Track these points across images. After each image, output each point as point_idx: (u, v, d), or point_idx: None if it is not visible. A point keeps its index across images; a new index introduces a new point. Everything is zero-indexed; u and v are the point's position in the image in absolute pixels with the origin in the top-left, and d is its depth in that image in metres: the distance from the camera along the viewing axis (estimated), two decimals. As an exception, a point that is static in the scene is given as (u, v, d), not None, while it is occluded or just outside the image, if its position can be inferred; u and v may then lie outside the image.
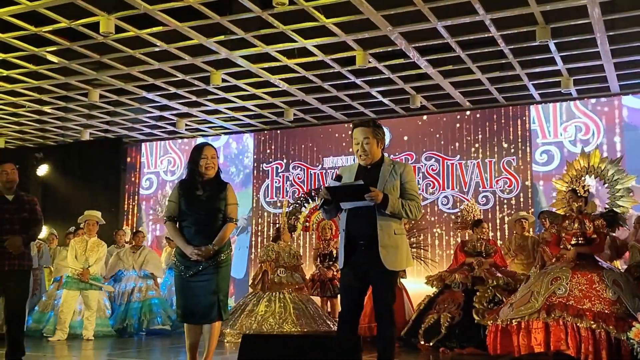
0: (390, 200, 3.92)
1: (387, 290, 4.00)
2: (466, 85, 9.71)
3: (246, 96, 10.39)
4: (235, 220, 4.65)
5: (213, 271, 4.47)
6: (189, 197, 4.58)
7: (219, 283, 4.47)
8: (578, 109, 10.25)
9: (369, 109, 10.98)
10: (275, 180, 12.10)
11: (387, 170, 4.09)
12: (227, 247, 4.63)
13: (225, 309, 4.56)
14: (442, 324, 6.87)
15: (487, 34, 7.71)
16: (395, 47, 8.19)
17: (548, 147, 10.35)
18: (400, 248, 4.00)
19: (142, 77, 9.44)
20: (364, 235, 3.97)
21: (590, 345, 5.42)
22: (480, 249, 7.51)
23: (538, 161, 10.33)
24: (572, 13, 7.19)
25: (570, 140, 10.25)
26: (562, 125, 10.32)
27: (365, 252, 3.96)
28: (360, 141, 4.11)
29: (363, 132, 4.12)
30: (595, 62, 8.63)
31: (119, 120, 11.85)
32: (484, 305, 6.84)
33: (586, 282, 5.79)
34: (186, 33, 7.80)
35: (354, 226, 4.01)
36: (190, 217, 4.56)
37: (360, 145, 4.10)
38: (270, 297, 8.07)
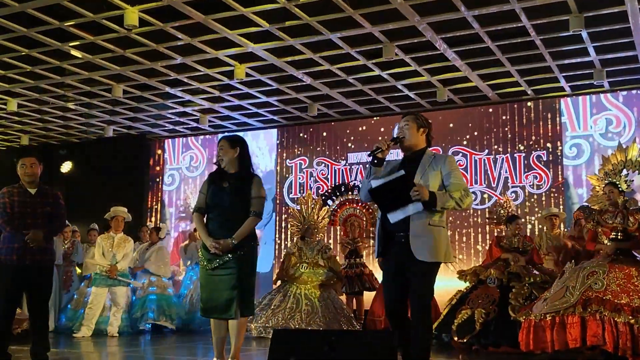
0: (437, 197, 3.82)
1: (419, 283, 3.85)
2: (495, 78, 9.49)
3: (270, 91, 10.28)
4: (260, 214, 4.50)
5: (234, 265, 4.37)
6: (215, 189, 4.52)
7: (240, 278, 4.36)
8: (609, 101, 9.99)
9: (394, 103, 10.81)
10: (299, 176, 11.98)
11: (426, 162, 4.01)
12: (251, 241, 4.50)
13: (249, 305, 4.43)
14: (477, 320, 6.69)
15: (519, 23, 7.50)
16: (423, 39, 8.02)
17: (578, 140, 10.11)
18: (435, 239, 3.85)
19: (166, 72, 9.37)
20: (399, 225, 3.88)
21: (628, 341, 5.23)
22: (517, 244, 7.34)
23: (568, 155, 10.10)
24: (607, 1, 6.95)
25: (601, 133, 10.00)
26: (592, 118, 10.07)
27: (401, 243, 3.88)
28: (401, 126, 4.10)
29: (405, 119, 4.12)
30: (629, 52, 8.38)
31: (143, 116, 11.81)
32: (520, 302, 6.68)
33: (624, 277, 5.60)
34: (210, 26, 7.70)
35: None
36: (214, 209, 4.52)
37: (400, 130, 4.10)
38: (287, 291, 7.99)
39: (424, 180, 3.91)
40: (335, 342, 3.21)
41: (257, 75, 9.45)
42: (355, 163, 11.49)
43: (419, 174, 3.93)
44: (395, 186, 3.82)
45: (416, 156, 4.04)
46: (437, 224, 3.89)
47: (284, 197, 12.04)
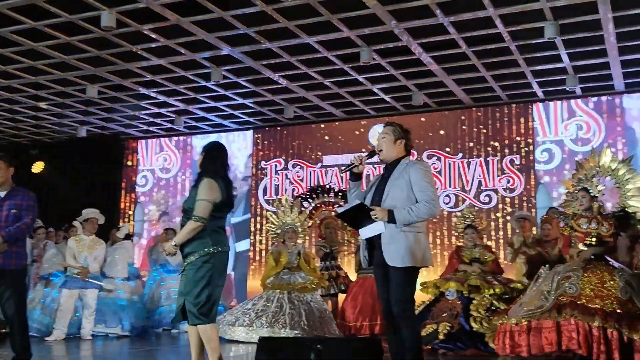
0: (396, 216, 3.87)
1: (394, 289, 3.88)
2: (470, 83, 9.61)
3: (246, 93, 10.25)
4: (199, 218, 4.26)
5: (185, 271, 4.35)
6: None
7: (187, 285, 4.29)
8: (579, 107, 10.18)
9: (369, 107, 10.87)
10: (274, 178, 11.97)
11: (397, 172, 4.04)
12: (200, 248, 4.29)
13: (193, 313, 4.23)
14: (441, 332, 6.70)
15: (494, 29, 7.61)
16: (400, 43, 8.08)
17: (549, 145, 10.28)
18: (408, 244, 3.87)
19: (141, 72, 9.29)
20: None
21: (602, 345, 5.34)
22: (477, 255, 7.33)
23: (539, 160, 10.26)
24: (581, 9, 7.08)
25: (572, 138, 10.18)
26: (563, 124, 10.25)
27: (380, 250, 3.94)
28: (379, 138, 4.16)
29: (383, 131, 4.18)
30: (601, 59, 8.55)
31: (116, 116, 11.68)
32: (482, 313, 6.73)
33: (597, 282, 5.71)
34: (187, 27, 7.66)
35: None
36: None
37: (378, 142, 4.16)
38: (271, 296, 7.97)
39: (391, 194, 3.98)
40: (322, 349, 3.22)
41: (234, 77, 9.42)
42: (330, 165, 11.52)
43: (388, 186, 4.02)
44: (355, 212, 3.93)
45: (392, 166, 4.11)
46: (409, 229, 3.90)
47: (258, 199, 12.01)
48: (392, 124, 4.20)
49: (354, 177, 4.08)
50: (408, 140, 4.17)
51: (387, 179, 4.05)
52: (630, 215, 6.25)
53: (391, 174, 4.05)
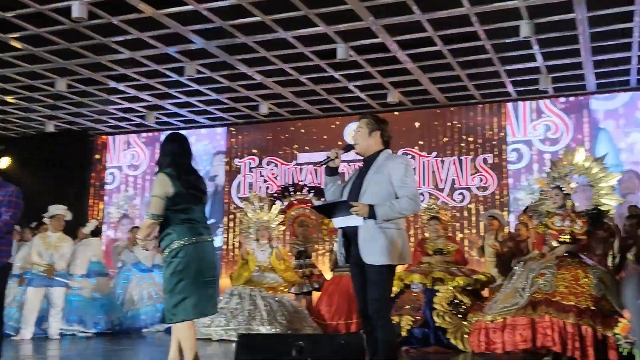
0: (377, 212, 3.76)
1: (370, 287, 3.78)
2: (444, 81, 9.62)
3: (220, 88, 10.12)
4: (151, 215, 4.19)
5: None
6: None
7: (163, 283, 4.25)
8: (547, 108, 10.28)
9: (345, 104, 10.83)
10: (248, 175, 11.85)
11: (376, 165, 3.92)
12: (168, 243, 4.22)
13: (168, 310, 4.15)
14: (404, 327, 6.64)
15: (470, 28, 7.62)
16: (377, 40, 8.04)
17: (518, 145, 10.36)
18: (385, 241, 3.76)
19: (112, 66, 9.10)
20: (355, 229, 3.84)
21: (576, 342, 5.38)
22: (440, 246, 7.32)
23: (510, 159, 10.34)
24: (558, 9, 7.13)
25: (540, 138, 10.28)
26: (532, 124, 10.33)
27: (357, 247, 3.83)
28: (355, 131, 4.07)
29: (359, 124, 4.06)
30: (574, 59, 8.63)
31: (86, 111, 11.45)
32: (445, 306, 6.72)
33: (572, 279, 5.75)
34: (161, 20, 7.51)
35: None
36: None
37: (354, 135, 4.07)
38: (242, 293, 7.88)
39: (370, 189, 3.86)
40: (304, 346, 3.15)
41: (208, 72, 9.29)
42: (305, 163, 11.45)
43: (366, 181, 3.90)
44: (335, 207, 3.87)
45: (371, 160, 3.98)
46: (388, 225, 3.80)
47: (231, 196, 11.89)
48: (366, 116, 4.10)
49: (330, 171, 3.98)
50: (384, 131, 4.03)
51: (365, 174, 3.93)
52: (603, 213, 6.32)
53: (369, 168, 3.94)
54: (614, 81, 9.51)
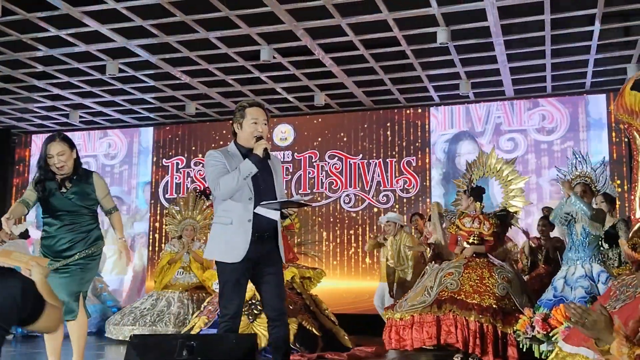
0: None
1: (282, 283, 3.98)
2: (369, 85, 9.77)
3: (145, 88, 10.00)
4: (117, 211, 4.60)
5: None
6: None
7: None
8: (471, 112, 10.58)
9: (273, 105, 10.86)
10: (175, 176, 11.74)
11: (273, 164, 3.91)
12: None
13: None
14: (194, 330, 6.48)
15: (390, 33, 7.77)
16: (300, 43, 8.11)
17: (442, 148, 10.62)
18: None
19: (32, 64, 8.87)
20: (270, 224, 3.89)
21: (477, 339, 5.60)
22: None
23: (433, 162, 10.57)
24: (472, 16, 7.35)
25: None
26: (453, 128, 10.57)
27: (269, 243, 3.93)
28: (259, 121, 3.85)
29: (263, 113, 3.91)
30: (492, 65, 8.91)
31: (7, 109, 11.11)
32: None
33: (477, 278, 5.98)
34: (79, 18, 7.38)
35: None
36: None
37: (259, 125, 3.84)
38: (160, 295, 7.83)
39: (278, 189, 3.90)
40: (195, 346, 3.18)
41: (131, 71, 9.16)
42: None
43: (275, 180, 3.89)
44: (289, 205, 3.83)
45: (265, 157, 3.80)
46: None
47: (159, 197, 11.75)
48: (264, 106, 4.04)
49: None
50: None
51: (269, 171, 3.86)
52: (510, 214, 6.57)
53: (267, 166, 3.84)
54: (532, 87, 9.87)
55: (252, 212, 3.72)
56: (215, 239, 3.79)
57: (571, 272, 5.73)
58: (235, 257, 3.68)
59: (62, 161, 4.23)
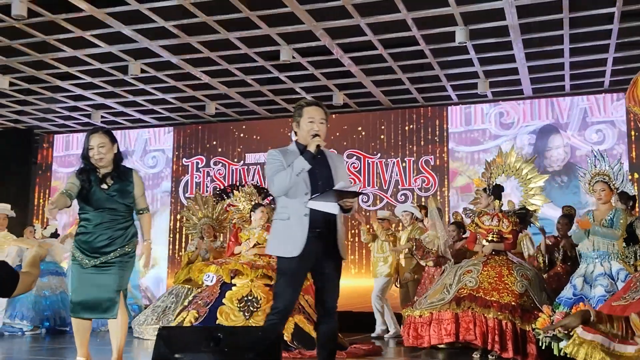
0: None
1: (337, 280, 3.93)
2: (387, 84, 9.84)
3: (166, 88, 10.15)
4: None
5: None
6: None
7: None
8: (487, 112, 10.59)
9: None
10: (195, 175, 11.88)
11: (332, 160, 3.90)
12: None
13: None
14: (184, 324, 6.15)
15: (409, 33, 7.83)
16: (320, 43, 8.20)
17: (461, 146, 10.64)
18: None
19: (56, 64, 9.05)
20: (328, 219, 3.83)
21: (496, 336, 5.63)
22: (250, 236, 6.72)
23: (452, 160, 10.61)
24: (491, 16, 7.40)
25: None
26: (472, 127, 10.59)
27: (330, 239, 3.87)
28: (316, 120, 3.81)
29: (319, 112, 3.86)
30: (510, 65, 8.93)
31: (30, 109, 11.31)
32: (233, 304, 6.20)
33: (496, 275, 6.01)
34: (103, 19, 7.53)
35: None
36: None
37: (316, 124, 3.81)
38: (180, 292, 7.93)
39: (339, 186, 3.76)
40: (221, 337, 3.27)
41: (153, 71, 9.31)
42: (252, 163, 11.54)
43: (335, 177, 3.83)
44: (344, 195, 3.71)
45: (320, 154, 3.83)
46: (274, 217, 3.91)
47: (179, 196, 11.89)
48: (322, 105, 3.94)
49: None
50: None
51: (327, 166, 3.85)
52: (530, 212, 6.59)
53: (326, 161, 3.86)
54: (550, 86, 9.87)
55: (308, 208, 3.73)
56: (274, 234, 3.85)
57: (590, 270, 5.74)
58: (292, 251, 3.70)
59: (101, 153, 4.28)
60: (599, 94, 9.96)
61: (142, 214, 4.51)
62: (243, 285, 6.29)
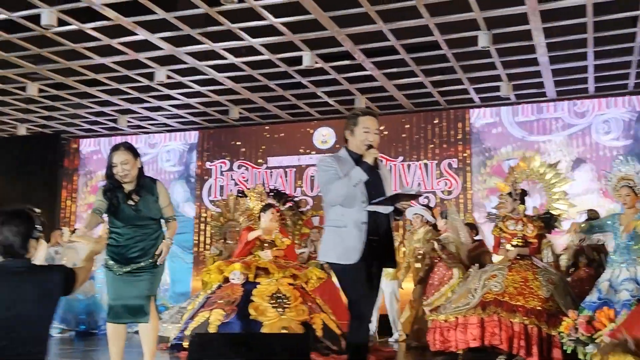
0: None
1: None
2: (410, 88, 9.87)
3: (191, 93, 10.28)
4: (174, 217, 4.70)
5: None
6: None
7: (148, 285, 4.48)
8: (511, 114, 10.58)
9: (314, 109, 11.04)
10: (219, 179, 12.02)
11: (382, 168, 3.97)
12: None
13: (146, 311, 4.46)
14: (212, 323, 6.03)
15: (431, 37, 7.86)
16: (342, 48, 8.27)
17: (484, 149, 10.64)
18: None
19: (83, 71, 9.22)
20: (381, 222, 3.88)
21: (522, 340, 5.66)
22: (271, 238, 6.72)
23: (474, 164, 10.61)
24: (513, 20, 7.40)
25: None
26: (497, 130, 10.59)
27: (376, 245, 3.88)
28: (371, 130, 3.84)
29: (375, 122, 3.88)
30: (533, 68, 8.92)
31: (58, 115, 11.53)
32: (265, 299, 6.18)
33: (521, 280, 6.04)
34: (130, 27, 7.66)
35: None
36: None
37: (371, 135, 3.84)
38: None
39: (388, 191, 3.88)
40: (252, 344, 3.36)
41: (178, 77, 9.44)
42: (275, 167, 11.64)
43: (385, 186, 3.88)
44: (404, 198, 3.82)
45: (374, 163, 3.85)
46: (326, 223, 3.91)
47: (203, 200, 12.04)
48: (376, 115, 3.98)
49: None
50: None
51: (379, 178, 3.89)
52: (554, 217, 6.61)
53: (376, 171, 3.88)
54: (574, 89, 9.84)
55: (366, 215, 3.74)
56: (330, 242, 3.83)
57: (616, 275, 5.73)
58: (350, 258, 3.71)
59: (125, 170, 4.35)
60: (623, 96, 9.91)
61: (168, 222, 4.57)
62: (269, 283, 6.31)
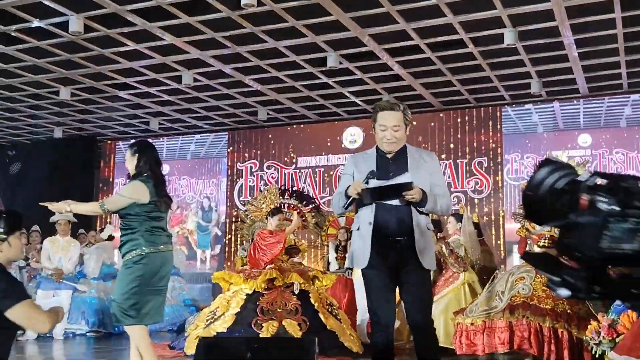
0: (427, 198, 3.53)
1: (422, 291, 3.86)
2: (437, 87, 9.77)
3: (219, 95, 10.39)
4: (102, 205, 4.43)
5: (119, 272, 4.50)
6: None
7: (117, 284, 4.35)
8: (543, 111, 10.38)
9: (341, 109, 11.03)
10: (249, 179, 12.11)
11: (414, 160, 3.70)
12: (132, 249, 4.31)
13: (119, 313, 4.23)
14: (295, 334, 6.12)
15: (456, 35, 7.77)
16: (366, 48, 8.23)
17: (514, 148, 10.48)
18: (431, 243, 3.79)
19: (114, 75, 9.40)
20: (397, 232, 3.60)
21: (552, 345, 5.52)
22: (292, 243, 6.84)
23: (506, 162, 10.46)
24: (540, 17, 7.25)
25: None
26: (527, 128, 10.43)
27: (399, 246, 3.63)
28: (388, 127, 3.65)
29: (393, 117, 3.65)
30: (563, 64, 8.73)
31: (92, 118, 11.79)
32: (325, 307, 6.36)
33: (549, 282, 5.90)
34: (155, 32, 7.78)
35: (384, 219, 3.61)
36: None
37: (389, 132, 3.65)
38: None
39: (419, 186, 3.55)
40: (258, 348, 3.38)
41: (205, 80, 9.55)
42: (304, 167, 11.68)
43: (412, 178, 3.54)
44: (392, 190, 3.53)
45: (399, 155, 3.71)
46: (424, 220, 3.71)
47: (234, 200, 12.15)
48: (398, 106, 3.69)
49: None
50: (411, 122, 3.77)
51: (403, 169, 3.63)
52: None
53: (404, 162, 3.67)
54: (606, 85, 9.60)
55: (373, 215, 3.54)
56: (352, 245, 3.74)
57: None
58: (360, 262, 3.57)
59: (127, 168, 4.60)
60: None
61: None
62: (316, 292, 6.55)
